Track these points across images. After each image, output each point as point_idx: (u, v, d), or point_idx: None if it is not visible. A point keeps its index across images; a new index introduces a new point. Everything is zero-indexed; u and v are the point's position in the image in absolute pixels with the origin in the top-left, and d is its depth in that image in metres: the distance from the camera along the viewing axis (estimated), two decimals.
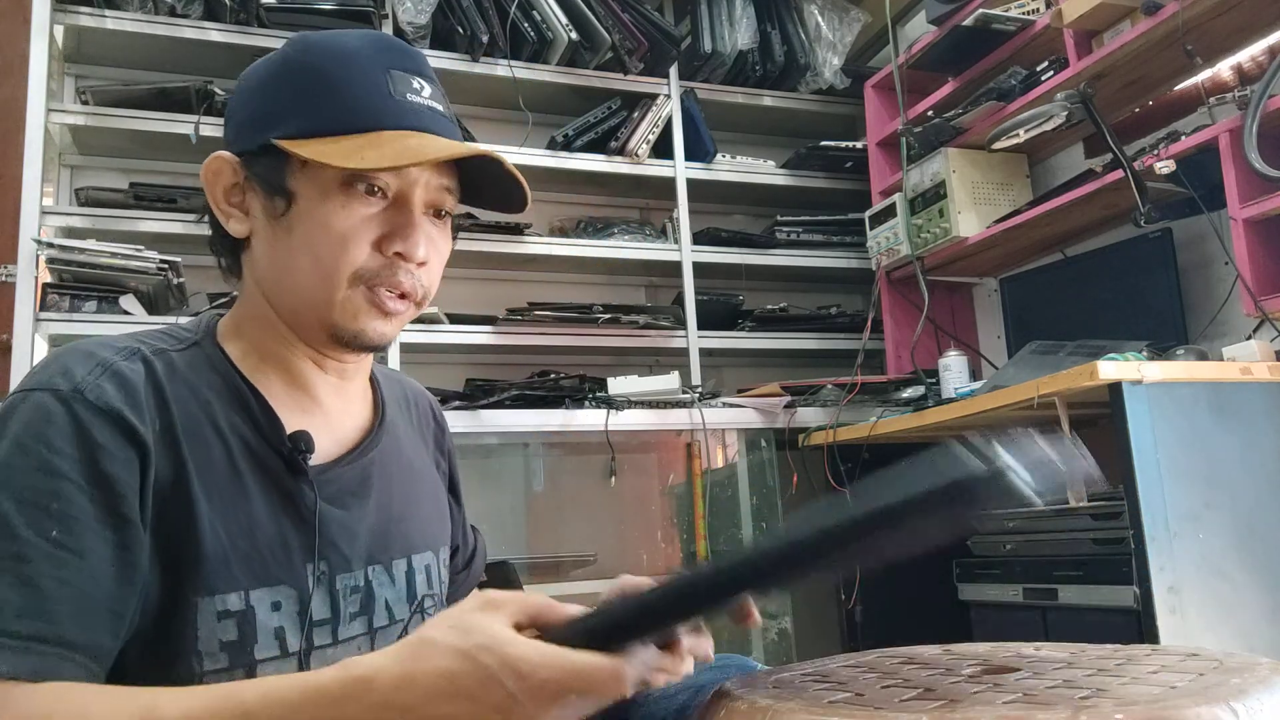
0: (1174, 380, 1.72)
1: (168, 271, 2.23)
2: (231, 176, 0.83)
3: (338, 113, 0.79)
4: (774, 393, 2.56)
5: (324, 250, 0.79)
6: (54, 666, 0.64)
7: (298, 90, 0.80)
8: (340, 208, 0.79)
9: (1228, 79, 2.13)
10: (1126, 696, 0.47)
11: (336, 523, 0.82)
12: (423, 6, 2.58)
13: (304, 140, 0.78)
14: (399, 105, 0.80)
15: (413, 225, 0.81)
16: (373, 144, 0.77)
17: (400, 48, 0.84)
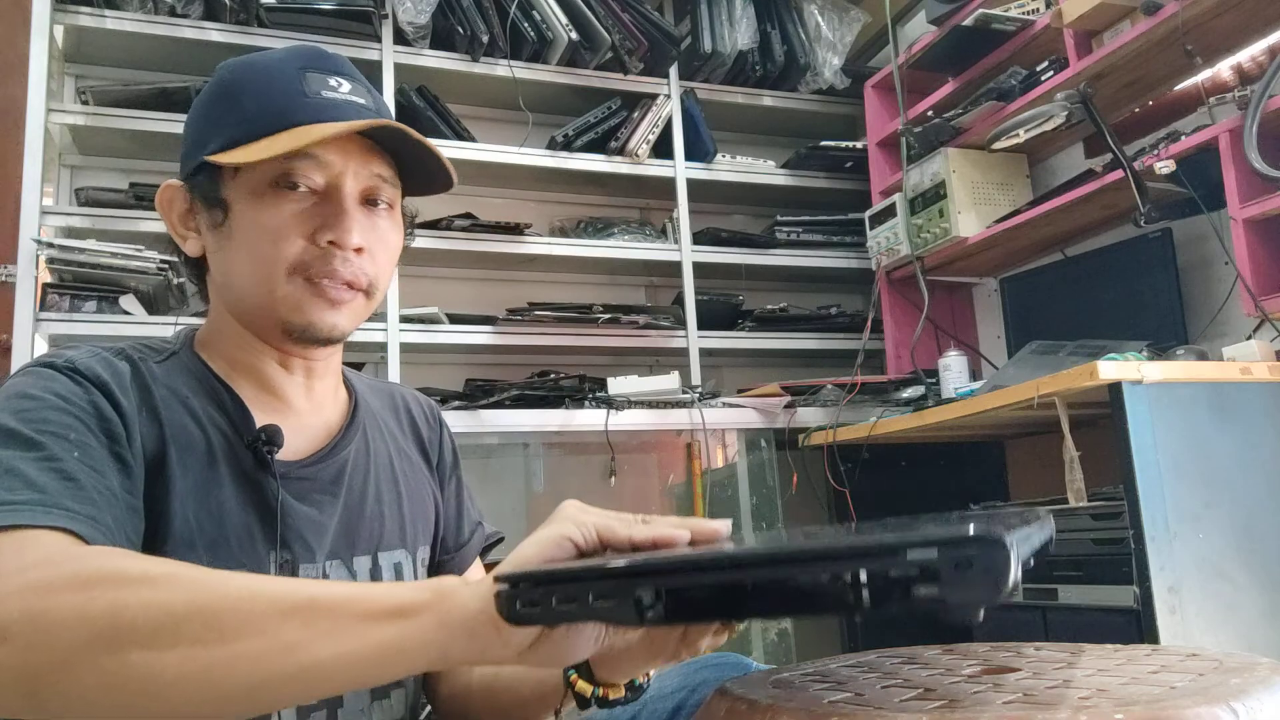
0: (1174, 380, 1.72)
1: (168, 271, 2.23)
2: (183, 202, 0.88)
3: (253, 119, 0.82)
4: (774, 393, 2.56)
5: (259, 248, 0.82)
6: (106, 544, 0.67)
7: (222, 108, 0.85)
8: (270, 206, 0.82)
9: (1228, 79, 2.13)
10: (1126, 697, 0.47)
11: (302, 517, 0.84)
12: (423, 6, 2.58)
13: (228, 151, 0.82)
14: (311, 102, 0.83)
15: (344, 213, 0.83)
16: (284, 139, 0.80)
17: (317, 52, 0.88)
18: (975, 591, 0.44)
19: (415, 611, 0.57)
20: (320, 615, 0.56)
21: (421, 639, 0.57)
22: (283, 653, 0.55)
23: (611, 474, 2.48)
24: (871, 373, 2.76)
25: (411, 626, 0.57)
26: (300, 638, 0.56)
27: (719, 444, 2.67)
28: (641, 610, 0.53)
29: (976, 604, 0.45)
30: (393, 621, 0.57)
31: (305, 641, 0.56)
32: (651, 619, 0.53)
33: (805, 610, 0.51)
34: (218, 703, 0.56)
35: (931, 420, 2.20)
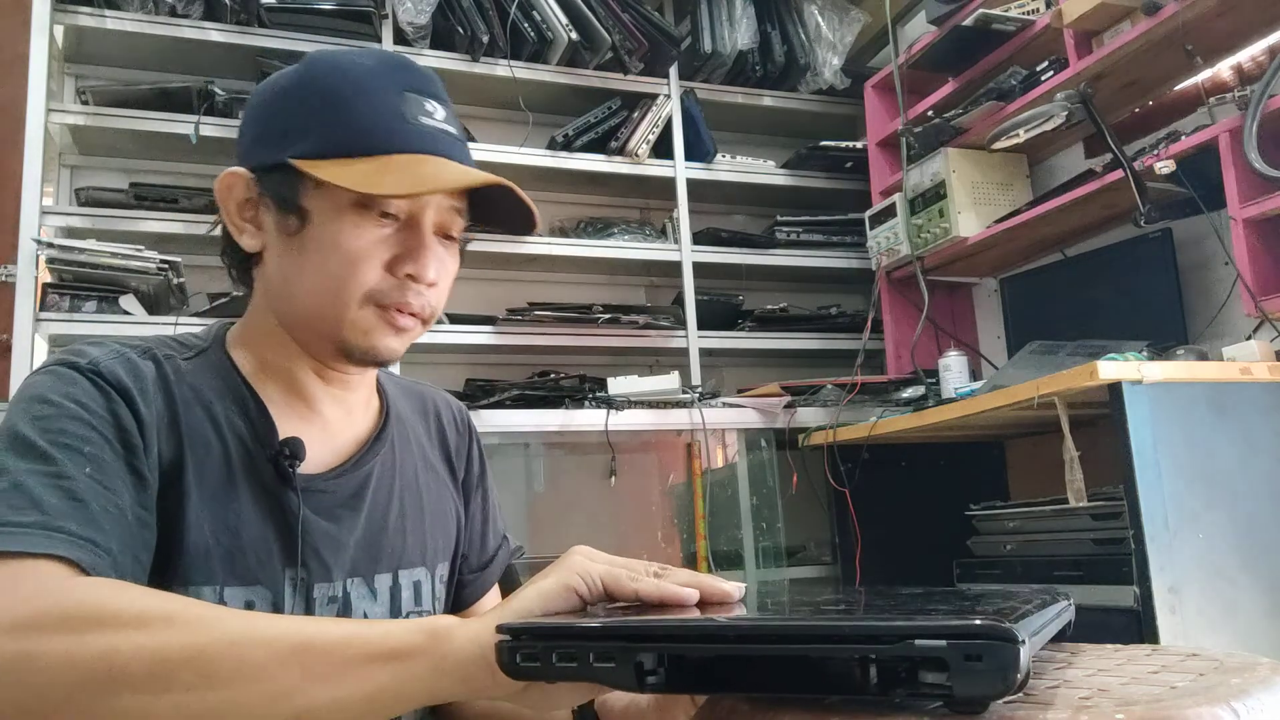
0: (1174, 380, 1.72)
1: (168, 271, 2.23)
2: (245, 191, 0.84)
3: (353, 134, 0.79)
4: (774, 393, 2.56)
5: (336, 270, 0.80)
6: (105, 573, 0.66)
7: (313, 109, 0.81)
8: (353, 228, 0.79)
9: (1228, 79, 2.13)
10: (1127, 696, 0.47)
11: (321, 532, 0.83)
12: (423, 6, 2.58)
13: (319, 161, 0.79)
14: (413, 129, 0.80)
15: (424, 247, 0.81)
16: (388, 168, 0.78)
17: (414, 69, 0.85)
18: (983, 684, 0.44)
19: (410, 655, 0.57)
20: (315, 659, 0.57)
21: (416, 682, 0.57)
22: (277, 699, 0.56)
23: (612, 474, 2.49)
24: (871, 373, 2.76)
25: (406, 670, 0.57)
26: (295, 683, 0.56)
27: (719, 444, 2.67)
28: (642, 675, 0.53)
29: (984, 697, 0.45)
30: (387, 664, 0.57)
31: (300, 687, 0.56)
32: (653, 685, 0.53)
33: (810, 688, 0.51)
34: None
35: (931, 420, 2.20)
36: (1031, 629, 0.49)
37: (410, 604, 0.89)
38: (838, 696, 0.50)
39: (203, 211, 2.37)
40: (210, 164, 2.56)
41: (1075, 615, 0.67)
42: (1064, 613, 0.63)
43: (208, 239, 0.93)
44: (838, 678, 0.50)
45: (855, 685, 0.49)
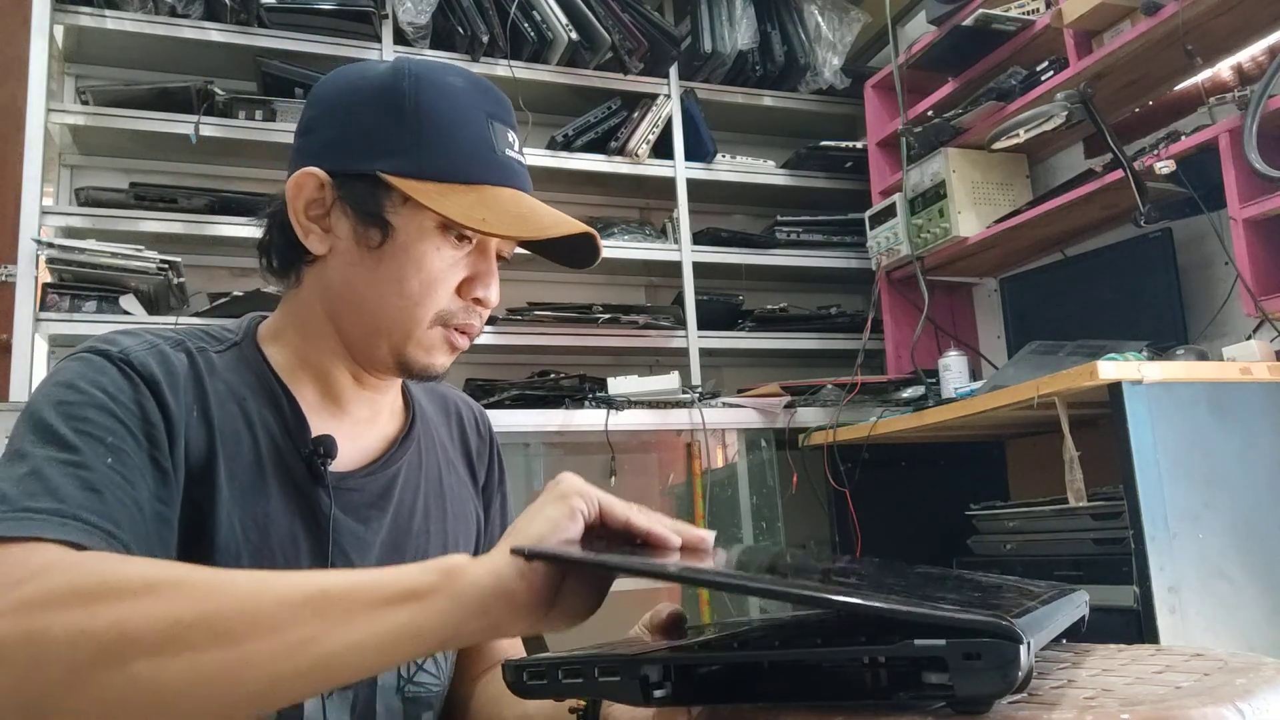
0: (1174, 380, 1.72)
1: (168, 271, 2.23)
2: (316, 192, 0.83)
3: (449, 161, 0.81)
4: (774, 393, 2.56)
5: (413, 288, 0.81)
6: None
7: (402, 125, 0.81)
8: (435, 250, 0.81)
9: (1228, 79, 2.13)
10: (1132, 697, 0.47)
11: (349, 532, 0.83)
12: (423, 6, 2.58)
13: (414, 181, 0.79)
14: (500, 161, 0.83)
15: (492, 274, 0.85)
16: (485, 203, 0.80)
17: (498, 96, 0.86)
18: (983, 683, 0.44)
19: (426, 593, 0.57)
20: (331, 606, 0.56)
21: (435, 620, 0.56)
22: (295, 649, 0.55)
23: (612, 474, 2.48)
24: (871, 373, 2.76)
25: (423, 609, 0.57)
26: (312, 631, 0.55)
27: (719, 444, 2.67)
28: (648, 688, 0.53)
29: (986, 696, 0.45)
30: (405, 605, 0.56)
31: (317, 635, 0.55)
32: (659, 698, 0.53)
33: (815, 694, 0.51)
34: (231, 705, 0.56)
35: (931, 420, 2.20)
36: (1035, 626, 0.49)
37: None
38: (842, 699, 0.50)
39: (202, 211, 2.37)
40: (210, 164, 2.56)
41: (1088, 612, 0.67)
42: (1076, 609, 0.63)
43: (208, 239, 0.94)
44: (842, 681, 0.50)
45: (859, 687, 0.49)
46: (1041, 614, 0.52)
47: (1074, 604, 0.63)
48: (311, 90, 0.88)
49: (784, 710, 0.51)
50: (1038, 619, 0.51)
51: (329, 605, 0.56)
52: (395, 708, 0.84)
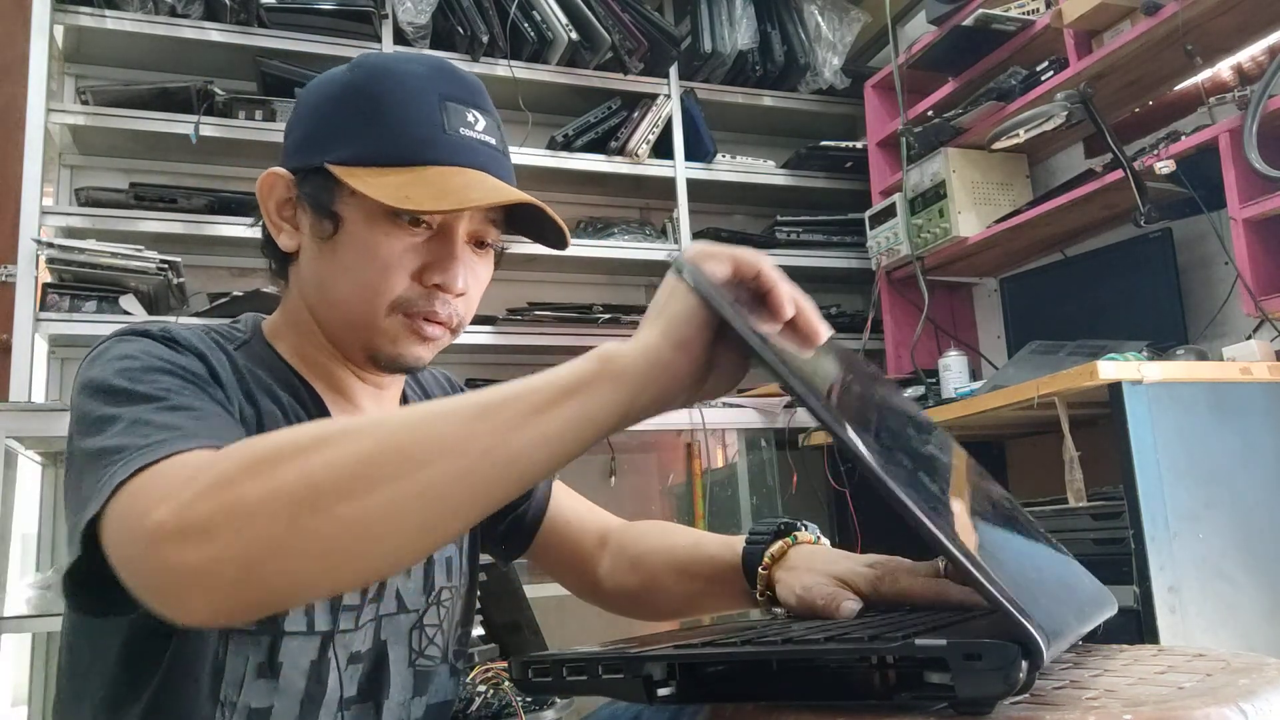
0: (1174, 380, 1.72)
1: (168, 271, 2.23)
2: (285, 192, 0.85)
3: (389, 144, 0.80)
4: (774, 393, 2.56)
5: (366, 277, 0.81)
6: None
7: (353, 115, 0.82)
8: (384, 236, 0.80)
9: (1228, 79, 2.13)
10: (1134, 697, 0.47)
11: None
12: (423, 6, 2.58)
13: (355, 168, 0.80)
14: (450, 140, 0.81)
15: (453, 258, 0.82)
16: (420, 181, 0.79)
17: (459, 78, 0.85)
18: (985, 684, 0.44)
19: (589, 383, 0.58)
20: (499, 417, 0.57)
21: (605, 406, 0.58)
22: (478, 461, 0.56)
23: (612, 474, 2.49)
24: None
25: (591, 398, 0.58)
26: (490, 442, 0.56)
27: (719, 444, 2.67)
28: (652, 687, 0.53)
29: (987, 697, 0.45)
30: (571, 400, 0.58)
31: (496, 444, 0.56)
32: (664, 696, 0.53)
33: (820, 694, 0.51)
34: (431, 529, 0.57)
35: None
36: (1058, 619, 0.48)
37: (442, 579, 0.90)
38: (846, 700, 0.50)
39: (202, 211, 2.37)
40: (210, 164, 2.56)
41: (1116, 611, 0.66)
42: (1103, 606, 0.63)
43: (208, 239, 0.94)
44: (847, 681, 0.50)
45: (862, 687, 0.49)
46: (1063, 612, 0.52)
47: (1102, 605, 0.63)
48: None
49: (786, 709, 0.51)
50: (1060, 615, 0.51)
51: (498, 417, 0.57)
52: (407, 681, 0.86)
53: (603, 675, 0.54)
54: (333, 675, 0.80)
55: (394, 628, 0.85)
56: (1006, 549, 0.59)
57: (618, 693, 0.54)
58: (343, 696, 0.81)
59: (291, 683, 0.78)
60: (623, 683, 0.53)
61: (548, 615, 1.81)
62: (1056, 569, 0.66)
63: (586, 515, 1.03)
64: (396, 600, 0.86)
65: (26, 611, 1.95)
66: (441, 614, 0.90)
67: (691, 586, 0.92)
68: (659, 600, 0.96)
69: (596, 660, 0.55)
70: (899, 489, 0.50)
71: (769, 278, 0.63)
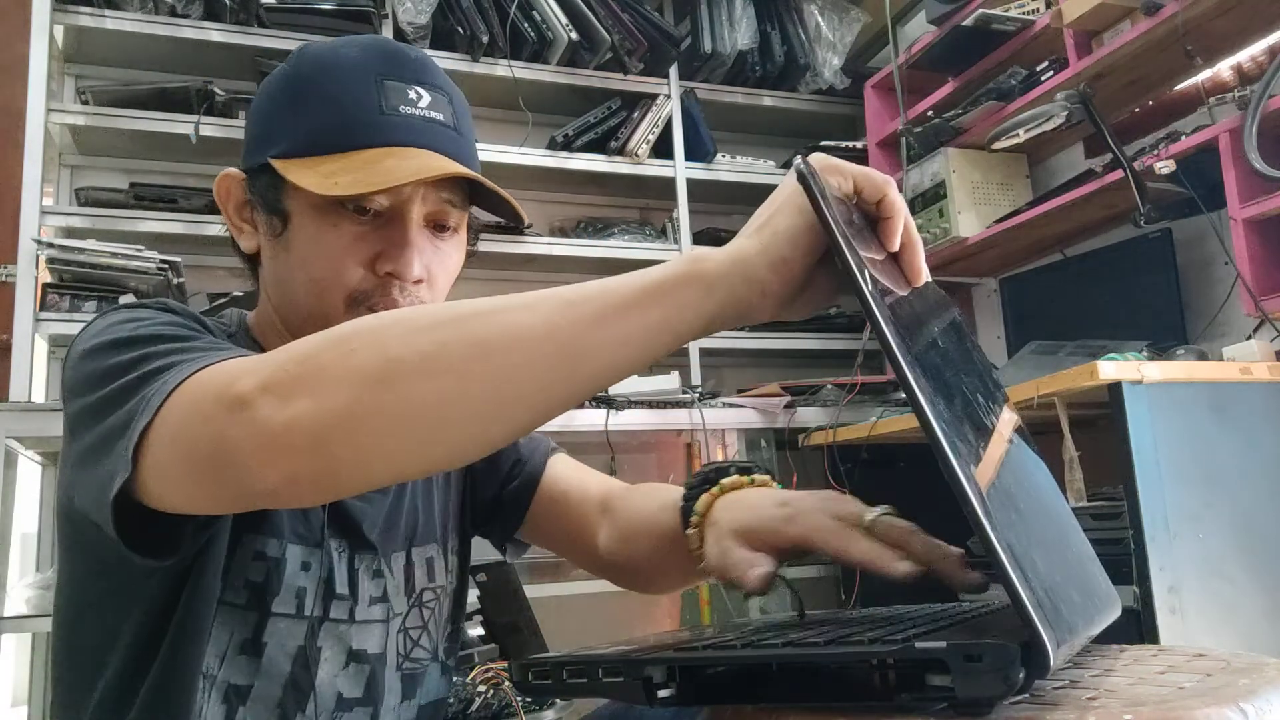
0: (1174, 380, 1.72)
1: (168, 271, 2.22)
2: (240, 193, 0.83)
3: (323, 131, 0.78)
4: (774, 393, 2.56)
5: (318, 271, 0.78)
6: None
7: (289, 106, 0.80)
8: (331, 227, 0.78)
9: (1228, 79, 2.13)
10: (1135, 697, 0.47)
11: (355, 510, 0.84)
12: (423, 6, 2.58)
13: (291, 160, 0.77)
14: (386, 121, 0.78)
15: (406, 244, 0.78)
16: (349, 166, 0.75)
17: (397, 54, 0.82)
18: (984, 685, 0.44)
19: (676, 288, 0.57)
20: (580, 313, 0.56)
21: (688, 314, 0.56)
22: (553, 356, 0.55)
23: (612, 474, 2.48)
24: (871, 373, 2.76)
25: (675, 304, 0.56)
26: (567, 337, 0.55)
27: (719, 444, 2.67)
28: (651, 690, 0.53)
29: (987, 698, 0.45)
30: (656, 304, 0.56)
31: (572, 340, 0.55)
32: (665, 699, 0.53)
33: (821, 695, 0.51)
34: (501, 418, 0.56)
35: None
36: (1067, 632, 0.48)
37: (423, 581, 0.90)
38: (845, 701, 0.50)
39: (202, 211, 2.37)
40: (210, 164, 2.56)
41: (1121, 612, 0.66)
42: (1108, 609, 0.63)
43: (208, 239, 0.94)
44: (847, 683, 0.50)
45: (862, 688, 0.49)
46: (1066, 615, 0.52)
47: (1107, 608, 0.63)
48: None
49: (786, 711, 0.51)
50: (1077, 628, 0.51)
51: (578, 312, 0.55)
52: (394, 684, 0.85)
53: (603, 678, 0.54)
54: (324, 667, 0.80)
55: (367, 630, 0.84)
56: (1043, 544, 0.58)
57: (618, 695, 0.54)
58: (341, 696, 0.81)
59: (276, 664, 0.77)
60: (623, 685, 0.53)
61: (548, 615, 1.81)
62: (1079, 568, 0.65)
63: (589, 482, 1.00)
64: (382, 604, 0.85)
65: (26, 611, 1.95)
66: (425, 615, 0.89)
67: (669, 557, 0.84)
68: (647, 571, 0.92)
69: (597, 663, 0.55)
70: (962, 473, 0.48)
71: (892, 204, 0.61)
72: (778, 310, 0.59)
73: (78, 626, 0.78)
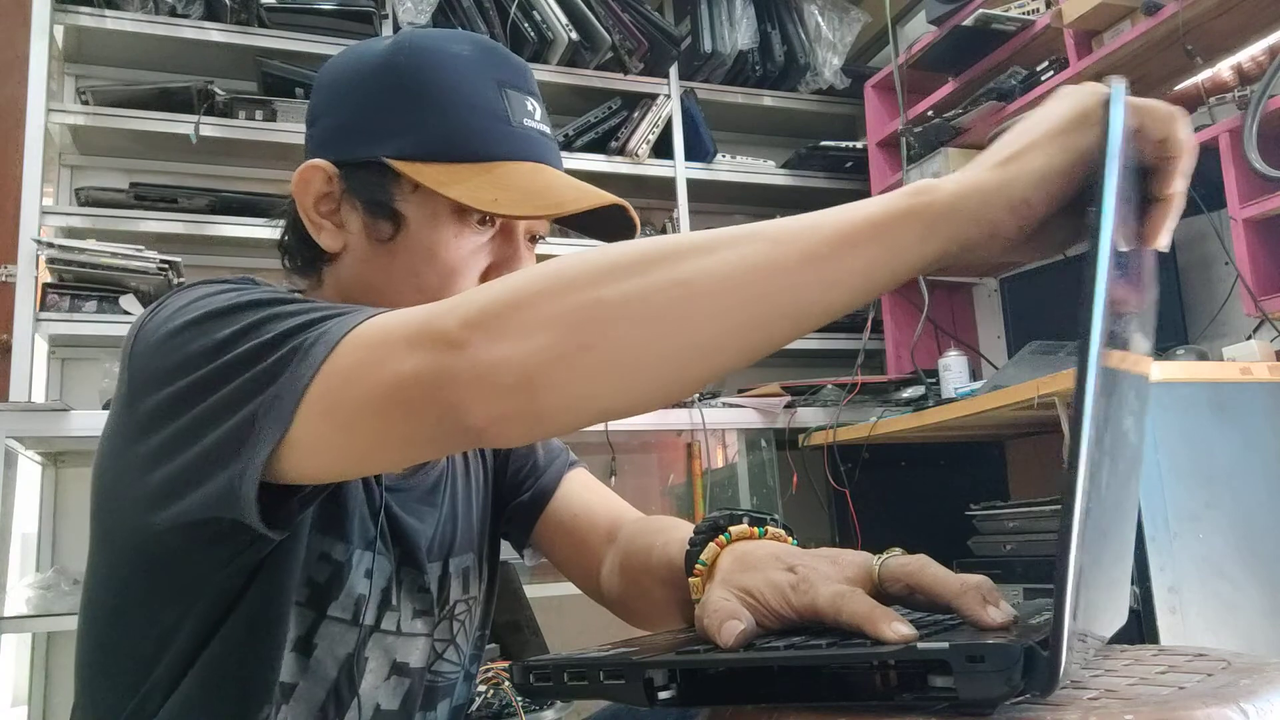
0: (1174, 380, 1.72)
1: (168, 271, 2.22)
2: (324, 186, 0.77)
3: (454, 136, 0.75)
4: (774, 393, 2.56)
5: (431, 280, 0.75)
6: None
7: (408, 103, 0.75)
8: (453, 238, 0.75)
9: (1228, 79, 2.13)
10: (1135, 697, 0.47)
11: (409, 522, 0.82)
12: (423, 6, 2.58)
13: (419, 164, 0.74)
14: (517, 133, 0.76)
15: (519, 258, 0.78)
16: (499, 181, 0.74)
17: (511, 61, 0.80)
18: (986, 686, 0.44)
19: (895, 224, 0.52)
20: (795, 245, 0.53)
21: (909, 254, 0.52)
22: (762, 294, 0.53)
23: (612, 474, 2.48)
24: (871, 373, 2.76)
25: (894, 241, 0.52)
26: (776, 276, 0.52)
27: (719, 444, 2.67)
28: (653, 691, 0.53)
29: (989, 699, 0.45)
30: (873, 241, 0.52)
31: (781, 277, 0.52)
32: (665, 700, 0.53)
33: (823, 696, 0.51)
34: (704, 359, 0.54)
35: (931, 420, 2.20)
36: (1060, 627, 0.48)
37: (458, 593, 0.88)
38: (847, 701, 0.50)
39: (203, 211, 2.37)
40: (210, 164, 2.56)
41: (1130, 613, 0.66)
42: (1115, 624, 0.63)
43: (208, 239, 0.91)
44: (847, 683, 0.50)
45: (864, 689, 0.49)
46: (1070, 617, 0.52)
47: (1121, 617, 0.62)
48: (316, 76, 0.82)
49: (787, 712, 0.51)
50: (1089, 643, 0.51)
51: (786, 253, 0.52)
52: (417, 692, 0.84)
53: (603, 680, 0.54)
54: (368, 678, 0.78)
55: (424, 644, 0.83)
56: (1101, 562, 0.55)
57: (619, 697, 0.54)
58: (379, 707, 0.79)
59: (323, 667, 0.75)
60: (623, 687, 0.53)
61: (548, 615, 1.81)
62: (1115, 580, 0.64)
63: (598, 508, 0.97)
64: (426, 617, 0.84)
65: (26, 611, 1.95)
66: (455, 628, 0.87)
67: (669, 600, 0.82)
68: (645, 610, 0.88)
69: (598, 665, 0.55)
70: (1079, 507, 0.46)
71: (1179, 143, 0.54)
72: (1003, 254, 0.55)
73: (119, 626, 0.74)
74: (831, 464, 2.45)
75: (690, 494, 2.56)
